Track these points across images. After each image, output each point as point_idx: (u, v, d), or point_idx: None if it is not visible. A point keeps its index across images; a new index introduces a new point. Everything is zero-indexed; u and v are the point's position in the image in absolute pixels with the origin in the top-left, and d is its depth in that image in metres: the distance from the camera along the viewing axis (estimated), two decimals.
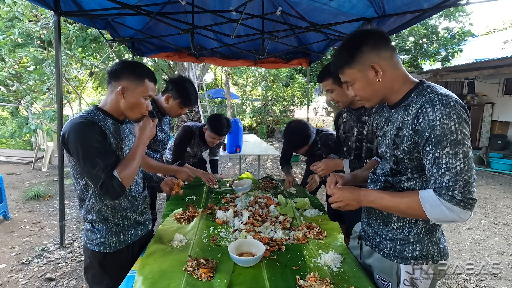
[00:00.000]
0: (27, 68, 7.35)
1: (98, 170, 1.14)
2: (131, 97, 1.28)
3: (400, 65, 1.04)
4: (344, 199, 1.09)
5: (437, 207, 0.90)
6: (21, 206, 4.24)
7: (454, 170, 0.87)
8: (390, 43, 1.02)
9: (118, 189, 1.18)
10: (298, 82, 13.51)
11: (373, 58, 1.00)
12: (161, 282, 1.12)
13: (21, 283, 2.49)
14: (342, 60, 1.05)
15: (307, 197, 2.10)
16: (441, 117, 0.88)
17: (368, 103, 1.10)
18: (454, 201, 0.87)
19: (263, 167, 7.14)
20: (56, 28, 2.75)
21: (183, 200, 2.06)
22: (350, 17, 2.88)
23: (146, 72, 1.32)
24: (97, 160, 1.15)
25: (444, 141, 0.88)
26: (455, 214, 0.88)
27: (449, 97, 0.91)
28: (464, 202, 0.87)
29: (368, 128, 1.71)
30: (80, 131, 1.15)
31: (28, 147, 8.81)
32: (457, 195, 0.87)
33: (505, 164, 6.76)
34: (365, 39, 1.01)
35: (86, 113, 1.24)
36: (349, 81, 1.07)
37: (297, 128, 2.22)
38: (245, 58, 4.40)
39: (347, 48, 1.04)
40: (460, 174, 0.87)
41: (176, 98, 2.01)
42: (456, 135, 0.87)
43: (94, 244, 1.29)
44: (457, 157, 0.87)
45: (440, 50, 7.63)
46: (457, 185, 0.87)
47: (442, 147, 0.88)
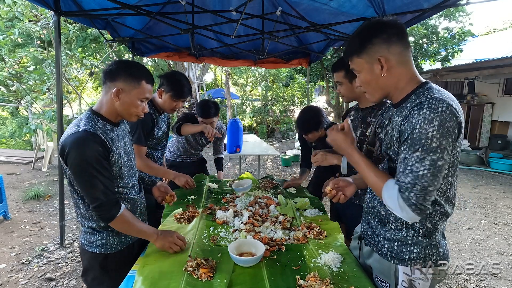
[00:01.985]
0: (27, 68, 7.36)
1: (98, 192, 1.14)
2: (127, 99, 1.23)
3: (410, 63, 1.01)
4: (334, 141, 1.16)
5: (391, 199, 0.95)
6: (21, 206, 4.24)
7: (416, 173, 0.90)
8: (405, 38, 0.99)
9: (109, 217, 1.19)
10: (298, 82, 13.52)
11: (382, 51, 0.98)
12: (161, 282, 1.12)
13: (21, 283, 2.49)
14: (353, 48, 1.04)
15: (307, 197, 2.10)
16: (422, 122, 0.88)
17: (371, 97, 1.10)
18: (407, 202, 0.91)
19: (263, 167, 7.14)
20: (56, 28, 2.76)
21: (183, 200, 2.06)
22: (350, 17, 2.88)
23: (143, 73, 1.26)
24: (97, 182, 1.14)
25: (417, 145, 0.90)
26: (404, 213, 0.93)
27: (441, 102, 0.89)
28: (416, 206, 0.91)
29: (371, 130, 1.67)
30: (81, 149, 1.11)
31: (28, 147, 8.80)
32: (412, 198, 0.91)
33: (505, 164, 6.76)
34: (378, 31, 0.98)
35: (86, 122, 1.18)
36: (356, 70, 1.07)
37: (307, 111, 2.20)
38: (245, 58, 4.39)
39: (359, 37, 1.03)
40: (421, 179, 0.90)
41: (168, 91, 1.97)
42: (430, 141, 0.88)
43: (95, 246, 1.27)
44: (423, 163, 0.89)
45: (440, 50, 7.62)
46: (415, 189, 0.90)
47: (413, 150, 0.91)
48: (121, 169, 1.28)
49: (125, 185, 1.33)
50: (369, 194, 1.23)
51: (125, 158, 1.32)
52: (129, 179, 1.35)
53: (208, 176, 2.69)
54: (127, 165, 1.33)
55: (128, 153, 1.36)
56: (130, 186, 1.36)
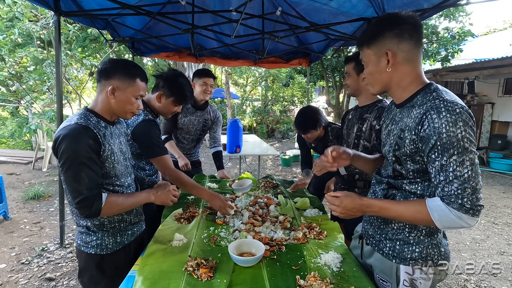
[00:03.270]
0: (27, 68, 7.35)
1: (81, 186, 1.13)
2: (122, 97, 1.25)
3: (418, 63, 1.00)
4: (345, 209, 1.03)
5: (445, 216, 0.89)
6: (21, 206, 4.24)
7: (462, 178, 0.87)
8: (417, 37, 0.97)
9: (93, 211, 1.16)
10: (298, 82, 13.52)
11: (391, 45, 0.97)
12: (161, 282, 1.12)
13: (21, 283, 2.49)
14: (365, 38, 1.04)
15: (307, 197, 2.10)
16: (447, 125, 0.87)
17: (371, 88, 1.10)
18: (463, 209, 0.87)
19: (263, 167, 7.14)
20: (56, 28, 2.76)
21: (183, 200, 2.06)
22: (350, 17, 2.88)
23: (137, 71, 1.28)
24: (82, 176, 1.13)
25: (451, 149, 0.87)
26: (463, 222, 0.88)
27: (455, 104, 0.89)
28: (472, 209, 0.87)
29: (367, 125, 1.72)
30: (72, 141, 1.12)
31: (28, 147, 8.80)
32: (466, 203, 0.87)
33: (505, 164, 6.76)
34: (392, 25, 0.97)
35: (78, 118, 1.19)
36: (364, 60, 1.07)
37: (305, 111, 2.26)
38: (245, 58, 4.39)
39: (373, 27, 1.03)
40: (468, 181, 0.86)
41: (170, 96, 1.80)
42: (463, 142, 0.86)
43: (90, 246, 1.27)
44: (464, 165, 0.87)
45: (440, 50, 7.61)
46: (466, 193, 0.86)
47: (449, 155, 0.88)
48: (116, 167, 1.28)
49: (121, 184, 1.33)
50: (371, 194, 1.23)
51: (121, 157, 1.33)
52: (124, 179, 1.36)
53: (208, 176, 2.69)
54: (123, 164, 1.34)
55: (123, 153, 1.37)
56: (126, 185, 1.36)
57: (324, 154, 1.26)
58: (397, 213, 0.99)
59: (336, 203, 1.05)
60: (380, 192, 1.16)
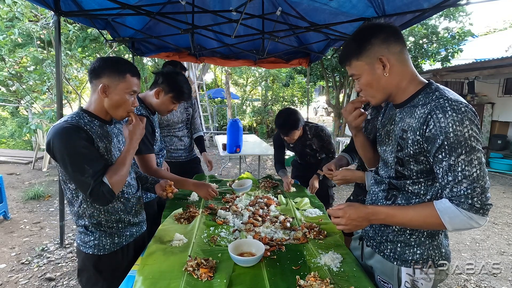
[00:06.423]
0: (27, 68, 7.34)
1: (87, 177, 1.12)
2: (114, 95, 1.22)
3: (409, 63, 1.00)
4: (349, 219, 0.98)
5: (456, 218, 0.88)
6: (21, 206, 4.24)
7: (471, 177, 0.86)
8: (401, 38, 0.98)
9: (108, 196, 1.16)
10: (298, 82, 13.52)
11: (382, 51, 0.96)
12: (161, 282, 1.12)
13: (21, 283, 2.49)
14: (350, 52, 1.01)
15: (307, 197, 2.10)
16: (453, 124, 0.85)
17: (373, 100, 1.05)
18: (473, 209, 0.86)
19: (263, 167, 7.14)
20: (56, 28, 2.75)
21: (183, 200, 2.06)
22: (350, 17, 2.88)
23: (127, 67, 1.24)
24: (85, 167, 1.12)
25: (459, 149, 0.86)
26: (474, 222, 0.87)
27: (460, 102, 0.88)
28: (482, 209, 0.86)
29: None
30: (65, 138, 1.11)
31: (28, 147, 8.80)
32: (476, 203, 0.86)
33: (505, 164, 6.76)
34: (375, 32, 0.97)
35: (70, 118, 1.18)
36: (355, 74, 1.03)
37: (284, 112, 2.31)
38: (245, 58, 4.39)
39: (356, 39, 1.00)
40: (477, 181, 0.85)
41: (168, 92, 1.78)
42: (470, 141, 0.85)
43: (88, 246, 1.27)
44: (472, 164, 0.85)
45: (440, 50, 7.62)
46: (475, 193, 0.86)
47: (457, 155, 0.86)
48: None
49: None
50: (371, 195, 1.22)
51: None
52: None
53: (208, 176, 2.69)
54: None
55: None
56: (125, 184, 1.35)
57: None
58: (406, 219, 0.96)
59: (340, 214, 1.00)
60: (381, 193, 1.14)
